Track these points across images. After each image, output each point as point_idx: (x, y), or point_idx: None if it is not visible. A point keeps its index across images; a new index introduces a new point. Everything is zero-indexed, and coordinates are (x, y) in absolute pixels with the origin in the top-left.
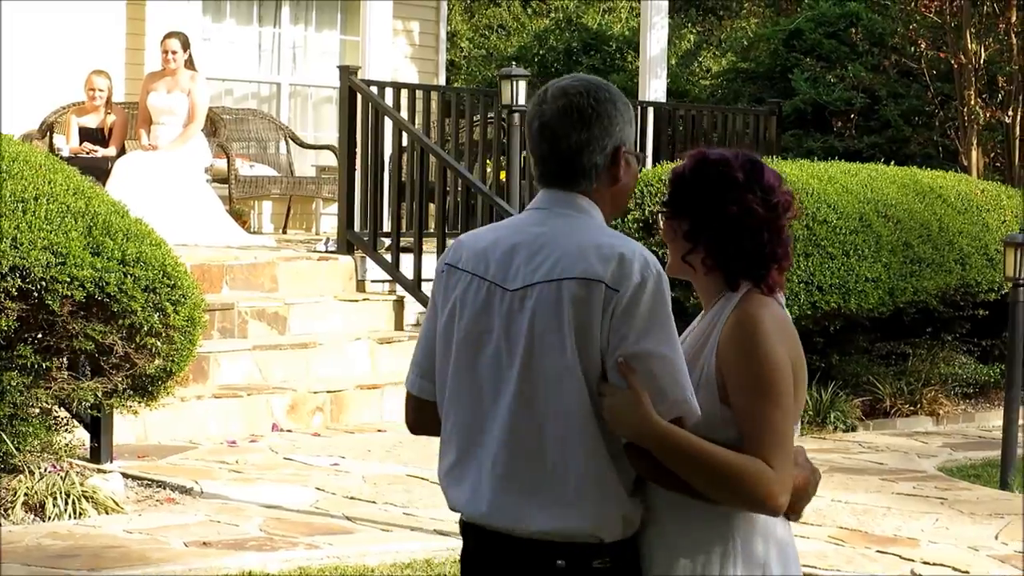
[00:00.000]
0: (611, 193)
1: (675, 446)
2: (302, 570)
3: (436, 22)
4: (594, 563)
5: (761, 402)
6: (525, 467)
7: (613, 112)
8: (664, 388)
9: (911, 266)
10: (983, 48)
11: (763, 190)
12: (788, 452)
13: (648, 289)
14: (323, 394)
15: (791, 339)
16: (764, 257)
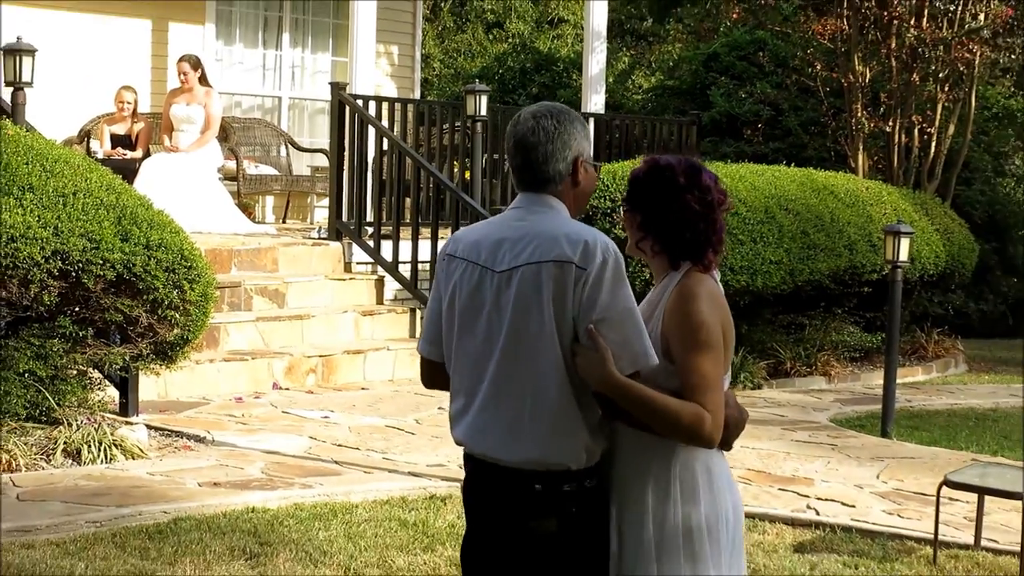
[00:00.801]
0: (574, 194)
1: (631, 395)
2: (297, 506)
3: (412, 46)
4: (564, 487)
5: (697, 357)
6: (510, 410)
7: (571, 130)
8: (626, 345)
9: (808, 251)
10: (868, 69)
11: (700, 190)
12: (720, 396)
13: (609, 267)
14: (315, 358)
15: (722, 308)
16: (701, 244)
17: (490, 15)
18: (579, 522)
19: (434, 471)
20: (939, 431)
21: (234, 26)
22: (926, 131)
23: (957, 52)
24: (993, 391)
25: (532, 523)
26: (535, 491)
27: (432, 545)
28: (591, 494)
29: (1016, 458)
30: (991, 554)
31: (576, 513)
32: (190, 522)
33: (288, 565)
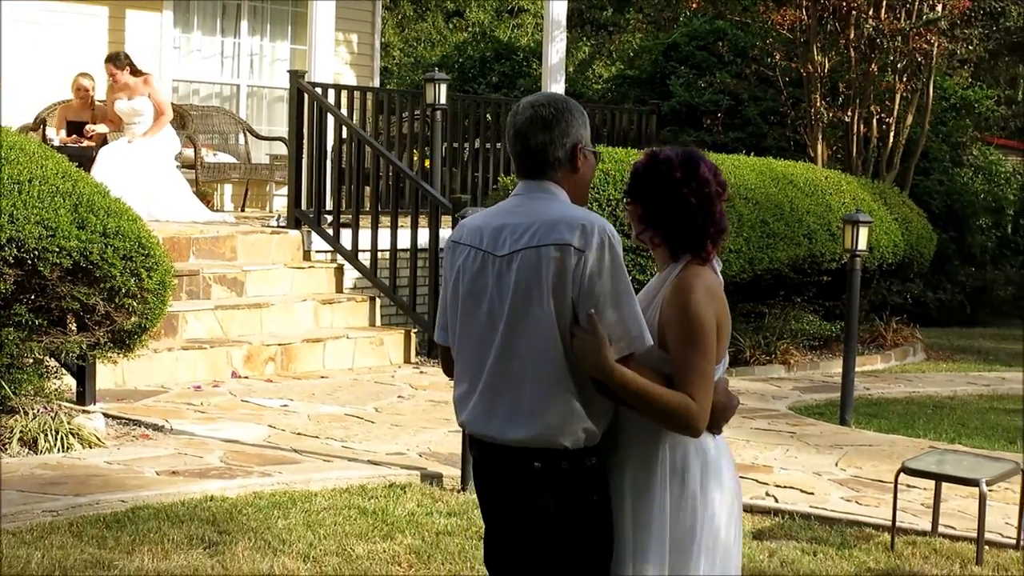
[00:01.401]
0: (573, 181)
1: (623, 382)
2: (256, 494)
3: (372, 34)
4: (563, 465)
5: (689, 350)
6: (510, 391)
7: (569, 118)
8: (622, 327)
9: (767, 240)
10: (827, 59)
11: (698, 183)
12: (708, 388)
13: (606, 249)
14: (275, 346)
15: (718, 301)
16: (699, 236)
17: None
18: (578, 500)
19: (393, 459)
20: (897, 419)
21: (192, 14)
22: (885, 121)
23: (915, 43)
24: (951, 379)
25: (532, 501)
26: (534, 469)
27: (391, 533)
28: (591, 473)
29: (973, 445)
30: (948, 540)
31: (575, 491)
32: (148, 511)
33: (247, 554)
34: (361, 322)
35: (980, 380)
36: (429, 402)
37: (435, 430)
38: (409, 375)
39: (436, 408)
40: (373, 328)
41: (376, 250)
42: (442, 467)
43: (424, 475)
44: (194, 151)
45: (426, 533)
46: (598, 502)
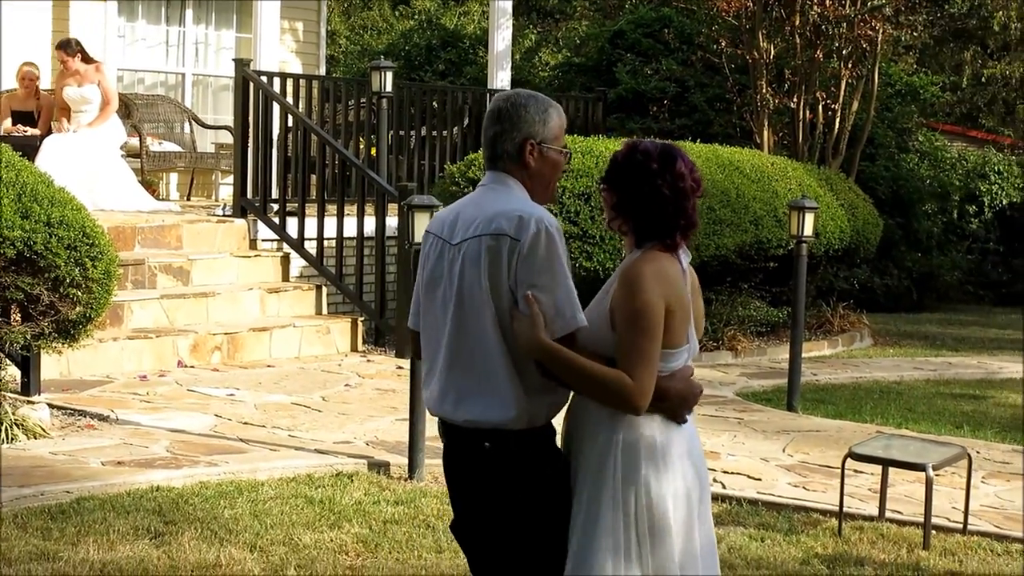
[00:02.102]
0: (528, 176)
1: (559, 359)
2: (202, 484)
3: (318, 22)
4: (510, 444)
5: (630, 330)
6: (460, 374)
7: (523, 113)
8: (557, 310)
9: (714, 226)
10: (773, 46)
11: (673, 177)
12: (648, 368)
13: (541, 237)
14: (221, 335)
15: (670, 285)
16: (668, 227)
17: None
18: (527, 480)
19: (340, 448)
20: (844, 404)
21: (136, 2)
22: (830, 107)
23: (860, 29)
24: (897, 364)
25: (484, 480)
26: (485, 449)
27: (339, 522)
28: (541, 451)
29: (919, 430)
30: (896, 525)
31: (523, 471)
32: (93, 502)
33: (193, 544)
34: (308, 311)
35: (927, 365)
36: (376, 391)
37: (382, 418)
38: (356, 364)
39: (383, 397)
40: (320, 317)
41: (322, 239)
42: (389, 456)
43: (371, 464)
44: (139, 140)
45: (373, 522)
46: (550, 476)
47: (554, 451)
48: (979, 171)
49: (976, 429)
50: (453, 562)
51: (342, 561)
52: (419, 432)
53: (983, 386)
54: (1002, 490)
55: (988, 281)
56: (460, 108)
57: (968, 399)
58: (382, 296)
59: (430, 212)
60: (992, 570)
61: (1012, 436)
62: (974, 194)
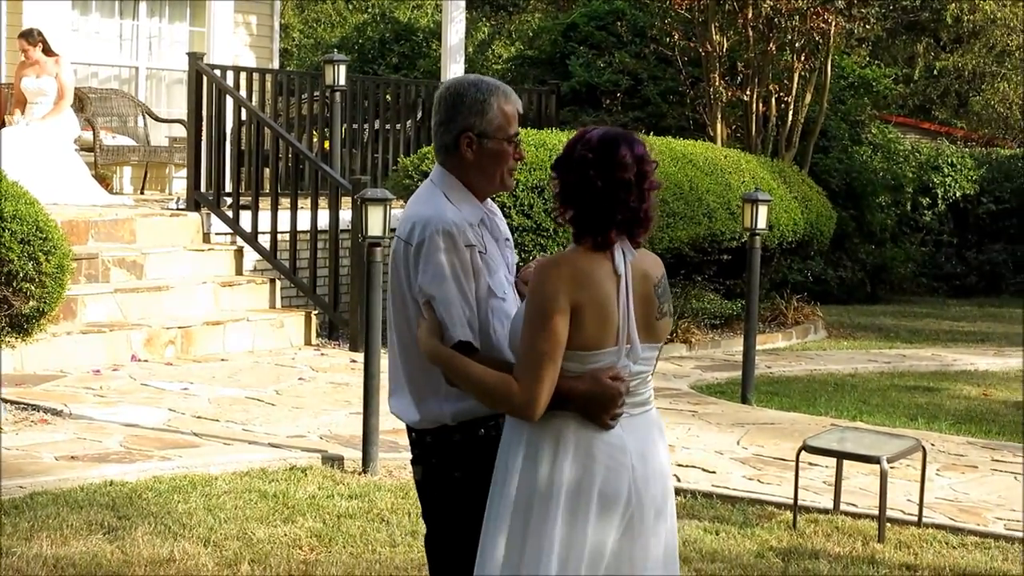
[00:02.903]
0: (466, 169)
1: (448, 365)
2: (156, 479)
3: (271, 15)
4: (427, 439)
5: (527, 330)
6: (392, 368)
7: (459, 104)
8: (443, 321)
9: (667, 219)
10: (725, 39)
11: (610, 166)
12: (538, 372)
13: (425, 245)
14: (175, 329)
15: (583, 286)
16: (602, 221)
17: None
18: (440, 474)
19: (294, 442)
20: (799, 397)
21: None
22: (783, 100)
23: (813, 22)
24: (852, 357)
25: (412, 468)
26: (412, 439)
27: (292, 516)
28: (456, 448)
29: (874, 422)
30: (850, 518)
31: (436, 464)
32: (47, 497)
33: (147, 538)
34: (261, 304)
35: (881, 357)
36: (330, 384)
37: (336, 412)
38: (310, 357)
39: (337, 390)
40: (273, 310)
41: (276, 232)
42: (343, 449)
43: (325, 458)
44: (93, 134)
45: (327, 516)
46: (460, 479)
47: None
48: (932, 163)
49: (931, 421)
50: (407, 556)
51: (296, 555)
52: (373, 426)
53: (937, 378)
54: (957, 482)
55: (942, 273)
56: (413, 101)
57: (922, 391)
58: (336, 289)
59: (383, 205)
60: (947, 562)
61: (967, 428)
62: (927, 186)
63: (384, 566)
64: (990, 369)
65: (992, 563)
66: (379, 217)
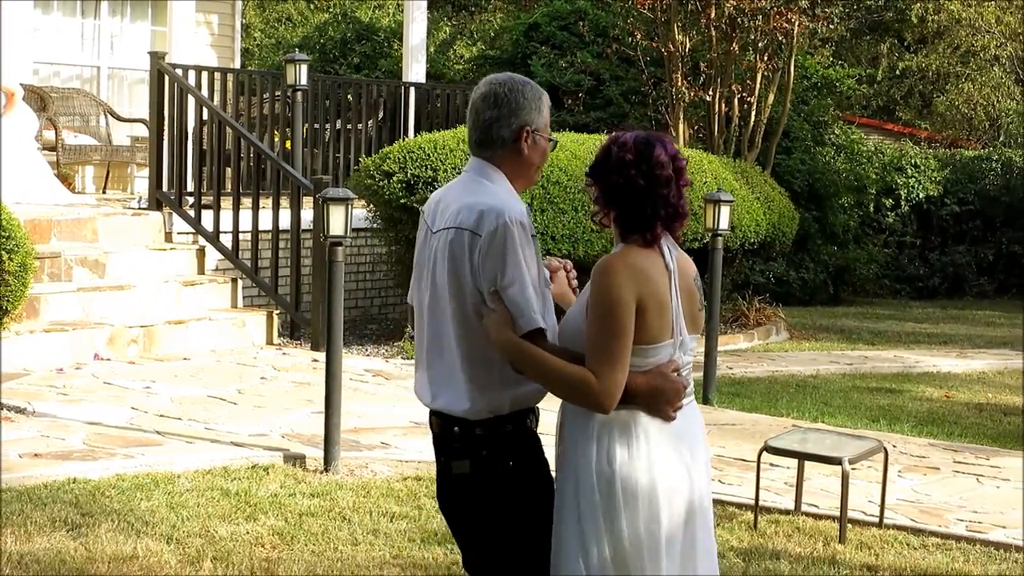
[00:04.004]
0: (517, 162)
1: (523, 355)
2: (119, 477)
3: (232, 15)
4: (476, 431)
5: (596, 327)
6: (431, 360)
7: (520, 99)
8: (519, 309)
9: None
10: (688, 39)
11: (650, 166)
12: (614, 366)
13: (499, 234)
14: (137, 328)
15: (644, 282)
16: (648, 218)
17: None
18: (491, 465)
19: (256, 441)
20: (760, 398)
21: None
22: (746, 100)
23: (776, 22)
24: (814, 358)
25: (451, 463)
26: (454, 434)
27: (255, 514)
28: (509, 438)
29: (835, 423)
30: (811, 518)
31: (488, 456)
32: (10, 494)
33: (110, 536)
34: (223, 304)
35: (843, 359)
36: (292, 383)
37: (298, 411)
38: (272, 356)
39: (299, 389)
40: (235, 310)
41: (238, 231)
42: (305, 448)
43: (287, 456)
44: (55, 133)
45: (289, 514)
46: (513, 468)
47: (524, 439)
48: (896, 164)
49: (893, 423)
50: (369, 554)
51: (258, 553)
52: (334, 425)
53: (900, 380)
54: (918, 484)
55: (904, 275)
56: (375, 101)
57: (884, 393)
58: (297, 289)
59: (345, 205)
60: (908, 563)
61: (928, 430)
62: (891, 187)
63: (346, 564)
64: (952, 371)
65: (953, 564)
66: (341, 216)
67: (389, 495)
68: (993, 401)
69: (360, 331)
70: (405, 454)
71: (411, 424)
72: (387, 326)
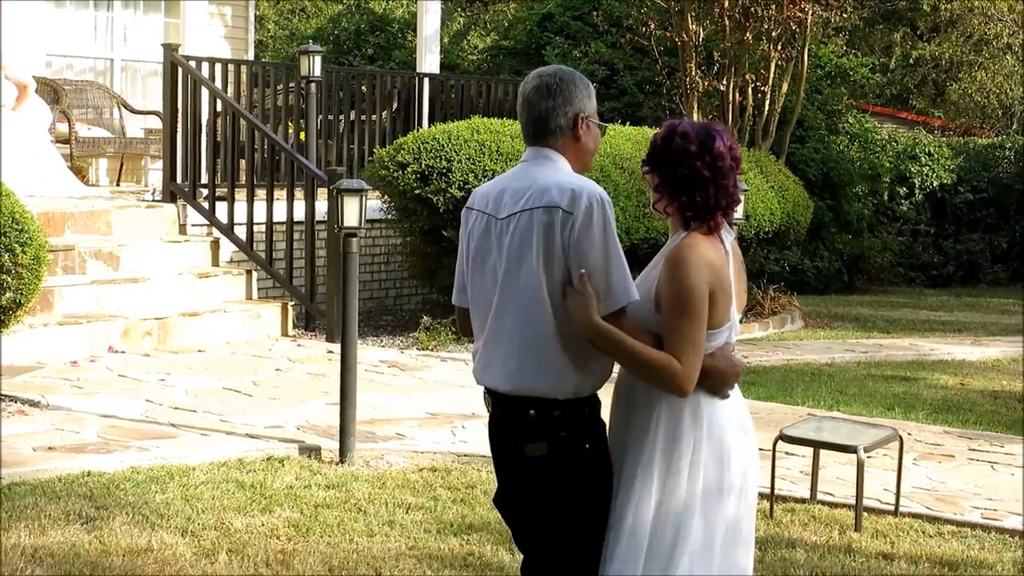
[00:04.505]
0: (575, 148)
1: (609, 339)
2: (134, 469)
3: (246, 7)
4: (555, 413)
5: (677, 315)
6: (505, 343)
7: (573, 88)
8: (611, 285)
9: (644, 209)
10: (702, 28)
11: (712, 156)
12: (695, 352)
13: (595, 211)
14: (152, 321)
15: (713, 270)
16: (709, 207)
17: None
18: (569, 447)
19: (271, 433)
20: (775, 386)
21: None
22: (760, 89)
23: (789, 11)
24: (828, 347)
25: (526, 446)
26: (529, 416)
27: (270, 507)
28: (584, 422)
29: (851, 412)
30: (827, 507)
31: (566, 438)
32: (24, 487)
33: (125, 529)
34: (238, 296)
35: (858, 347)
36: (307, 375)
37: (313, 403)
38: (287, 348)
39: (314, 381)
40: (250, 301)
41: (252, 223)
42: (320, 440)
43: (302, 448)
44: (68, 126)
45: (304, 506)
46: (589, 450)
47: (598, 422)
48: (910, 153)
49: (907, 411)
50: (384, 546)
51: (273, 545)
52: (350, 416)
53: (914, 368)
54: (933, 472)
55: (919, 263)
56: (389, 92)
57: (899, 381)
58: (312, 280)
59: (359, 196)
60: (924, 551)
61: (943, 417)
62: (905, 176)
63: (362, 556)
64: (967, 359)
65: (969, 552)
66: (355, 208)
67: (405, 486)
68: (1008, 389)
69: (375, 322)
70: (421, 445)
71: (427, 415)
72: (402, 317)
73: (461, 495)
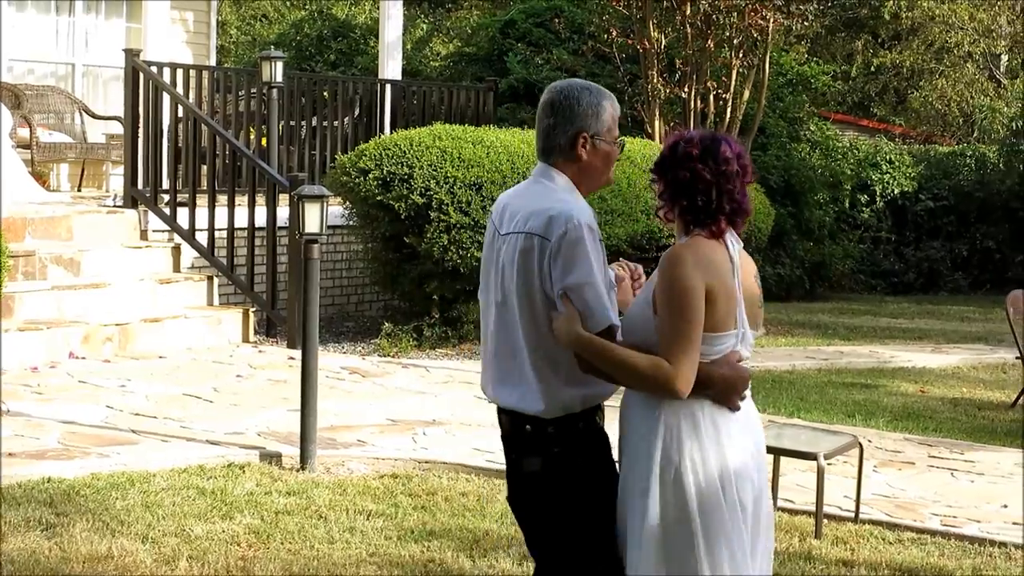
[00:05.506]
0: (576, 168)
1: (594, 349)
2: (94, 476)
3: (208, 12)
4: (548, 429)
5: (670, 315)
6: (502, 359)
7: (575, 106)
8: (590, 309)
9: (605, 216)
10: (663, 36)
11: (716, 161)
12: (688, 353)
13: (567, 238)
14: (112, 327)
15: (712, 271)
16: (711, 211)
17: None
18: (563, 462)
19: (232, 439)
20: None
21: None
22: (721, 97)
23: (751, 19)
24: (790, 354)
25: (522, 461)
26: (525, 432)
27: (230, 513)
28: (580, 436)
29: (811, 419)
30: (787, 514)
31: (560, 454)
32: None
33: (85, 535)
34: (199, 301)
35: (819, 354)
36: (268, 381)
37: (274, 409)
38: (248, 354)
39: (275, 387)
40: (211, 308)
41: (213, 229)
42: (281, 446)
43: (263, 455)
44: (29, 131)
45: (265, 512)
46: (585, 465)
47: (594, 435)
48: (871, 160)
49: (868, 418)
50: (345, 552)
51: (234, 552)
52: (311, 423)
53: (875, 375)
54: (893, 479)
55: (880, 270)
56: (351, 98)
57: (860, 388)
58: (273, 287)
59: (321, 202)
60: (884, 558)
61: (904, 424)
62: (866, 183)
63: (322, 562)
64: (927, 366)
65: (928, 559)
66: (316, 214)
67: (365, 493)
68: (968, 396)
69: (336, 328)
70: (382, 452)
71: (387, 422)
72: (364, 323)
73: (422, 502)
